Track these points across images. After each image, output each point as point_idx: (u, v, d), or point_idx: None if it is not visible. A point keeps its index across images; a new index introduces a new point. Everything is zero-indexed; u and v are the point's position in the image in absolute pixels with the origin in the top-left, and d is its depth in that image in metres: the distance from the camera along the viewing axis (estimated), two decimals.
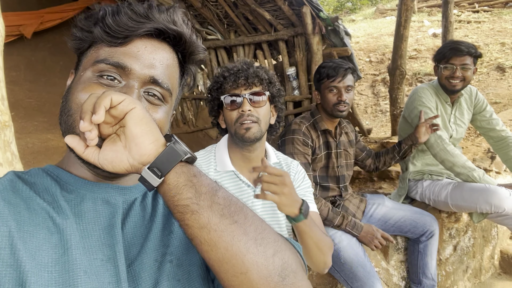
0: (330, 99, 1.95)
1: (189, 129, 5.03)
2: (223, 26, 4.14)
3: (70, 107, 0.62)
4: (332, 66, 1.94)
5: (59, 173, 0.67)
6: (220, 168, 1.38)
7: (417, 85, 6.79)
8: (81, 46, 0.68)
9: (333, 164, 2.08)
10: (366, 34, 9.73)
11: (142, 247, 0.65)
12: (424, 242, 2.17)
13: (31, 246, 0.54)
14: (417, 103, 2.30)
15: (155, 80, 0.65)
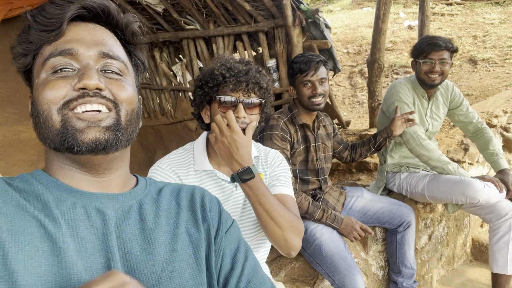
0: (305, 93, 1.97)
1: (167, 120, 4.95)
2: (202, 16, 4.06)
3: (42, 110, 0.62)
4: (303, 60, 1.95)
5: (49, 180, 0.66)
6: (198, 167, 1.35)
7: (393, 77, 6.94)
8: (26, 61, 0.68)
9: (312, 157, 2.11)
10: (343, 25, 9.80)
11: (141, 258, 0.65)
12: (401, 232, 2.24)
13: (23, 256, 0.54)
14: (395, 98, 2.36)
15: (105, 53, 0.66)
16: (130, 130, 0.68)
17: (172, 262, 0.67)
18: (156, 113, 5.09)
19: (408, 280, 2.27)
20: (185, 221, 0.75)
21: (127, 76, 0.70)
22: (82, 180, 0.67)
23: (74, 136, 0.61)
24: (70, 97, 0.62)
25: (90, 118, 0.62)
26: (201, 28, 4.20)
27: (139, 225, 0.68)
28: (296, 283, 2.02)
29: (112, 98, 0.65)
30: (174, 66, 4.64)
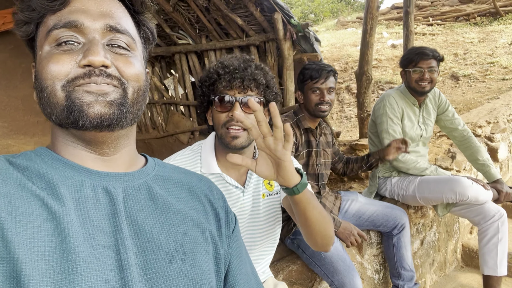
0: (313, 99, 2.03)
1: (159, 134, 4.95)
2: (195, 31, 4.15)
3: (46, 85, 0.60)
4: (315, 68, 2.02)
5: (54, 158, 0.63)
6: (205, 170, 1.30)
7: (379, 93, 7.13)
8: (28, 29, 0.65)
9: (313, 162, 2.15)
10: (329, 44, 10.08)
11: (152, 236, 0.63)
12: (396, 235, 2.28)
13: (25, 237, 0.52)
14: (382, 111, 2.47)
15: (113, 27, 0.63)
16: (136, 108, 0.65)
17: (184, 245, 0.66)
18: (148, 127, 5.09)
19: (409, 282, 2.29)
20: (194, 207, 0.73)
21: (135, 51, 0.66)
22: (88, 159, 0.64)
23: (81, 108, 0.58)
24: (75, 74, 0.59)
25: (97, 91, 0.59)
26: (193, 43, 4.28)
27: (149, 204, 0.66)
28: (294, 286, 2.02)
29: (119, 75, 0.62)
30: (166, 80, 4.69)
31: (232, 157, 0.92)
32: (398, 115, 2.45)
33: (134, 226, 0.62)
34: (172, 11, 3.94)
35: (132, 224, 0.62)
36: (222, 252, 0.74)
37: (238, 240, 0.81)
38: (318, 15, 15.92)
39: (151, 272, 0.60)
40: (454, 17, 10.12)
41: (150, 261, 0.61)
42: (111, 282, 0.55)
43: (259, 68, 1.28)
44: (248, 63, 1.27)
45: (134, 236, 0.61)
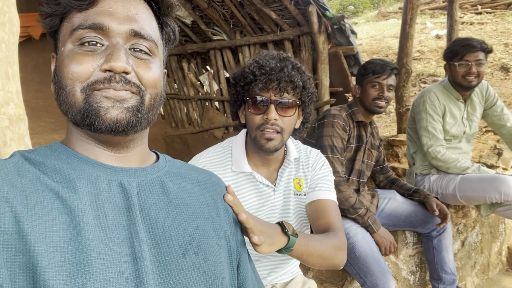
0: (372, 93, 2.00)
1: (194, 129, 5.04)
2: (229, 27, 4.17)
3: (65, 84, 0.61)
4: (380, 63, 2.01)
5: (69, 153, 0.65)
6: (236, 168, 1.28)
7: (420, 86, 6.83)
8: (52, 22, 0.65)
9: (360, 158, 2.11)
10: (369, 37, 9.77)
11: (165, 229, 0.65)
12: (436, 237, 2.17)
13: (40, 229, 0.53)
14: (422, 108, 2.36)
15: (137, 32, 0.63)
16: (152, 113, 0.67)
17: (196, 238, 0.67)
18: (183, 123, 5.20)
19: (451, 286, 2.19)
20: (205, 202, 0.74)
21: (156, 56, 0.67)
22: (102, 155, 0.66)
23: (98, 113, 0.59)
24: (95, 78, 0.60)
25: (115, 96, 0.60)
26: (227, 39, 4.30)
27: (162, 199, 0.68)
28: (324, 284, 1.99)
29: (138, 82, 0.63)
30: (201, 76, 4.76)
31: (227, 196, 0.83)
32: (439, 112, 2.32)
33: (147, 219, 0.64)
34: (207, 7, 3.98)
35: (146, 218, 0.63)
36: (233, 245, 0.75)
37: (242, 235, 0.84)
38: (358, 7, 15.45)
39: (165, 265, 0.62)
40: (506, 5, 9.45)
41: (163, 254, 0.62)
42: (125, 274, 0.56)
43: (296, 68, 1.23)
44: (284, 62, 1.22)
45: (148, 229, 0.63)
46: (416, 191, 2.21)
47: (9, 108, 1.68)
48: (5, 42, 1.67)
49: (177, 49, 4.72)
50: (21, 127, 1.74)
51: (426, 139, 2.33)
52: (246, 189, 1.30)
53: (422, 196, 2.15)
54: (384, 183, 2.36)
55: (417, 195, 2.18)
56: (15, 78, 1.71)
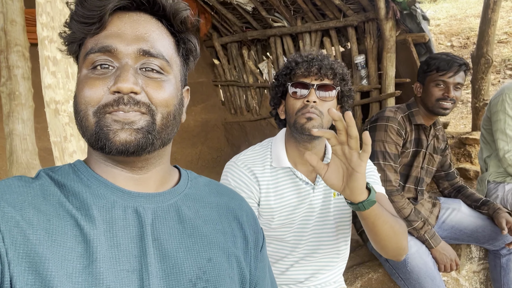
0: (435, 93, 1.81)
1: (252, 117, 5.04)
2: (290, 13, 4.03)
3: (80, 109, 0.63)
4: (445, 59, 1.79)
5: (90, 174, 0.66)
6: (275, 164, 1.30)
7: (505, 73, 6.09)
8: (72, 49, 0.67)
9: (418, 163, 1.93)
10: (448, 16, 8.91)
11: (177, 262, 0.64)
12: (506, 256, 1.94)
13: (58, 256, 0.54)
14: (500, 108, 2.07)
15: (146, 51, 0.63)
16: (166, 133, 0.66)
17: (207, 272, 0.66)
18: (242, 110, 5.22)
19: None
20: (221, 230, 0.73)
21: (169, 73, 0.66)
22: (120, 177, 0.67)
23: (107, 136, 0.61)
24: (106, 101, 0.61)
25: (124, 119, 0.61)
26: (288, 25, 4.17)
27: (177, 227, 0.67)
28: None
29: (148, 101, 0.63)
30: (261, 64, 4.70)
31: (309, 155, 0.95)
32: None
33: (160, 250, 0.64)
34: None
35: (158, 248, 0.64)
36: (247, 275, 0.74)
37: (264, 259, 0.82)
38: None
39: None
40: None
41: None
42: None
43: (336, 61, 1.29)
44: (325, 55, 1.28)
45: (160, 260, 0.63)
46: (485, 203, 1.96)
47: (69, 106, 1.79)
48: None
49: (238, 36, 4.70)
50: None
51: (502, 143, 2.07)
52: (285, 185, 1.29)
53: (491, 210, 1.91)
54: (449, 190, 2.14)
55: (486, 207, 1.95)
56: (75, 77, 1.81)
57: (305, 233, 1.32)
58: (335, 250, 1.35)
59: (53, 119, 1.71)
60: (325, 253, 1.35)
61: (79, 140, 1.83)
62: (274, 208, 1.27)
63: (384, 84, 3.39)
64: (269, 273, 0.84)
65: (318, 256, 1.35)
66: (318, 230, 1.33)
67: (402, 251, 1.15)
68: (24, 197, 0.58)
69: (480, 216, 1.98)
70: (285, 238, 1.32)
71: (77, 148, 1.80)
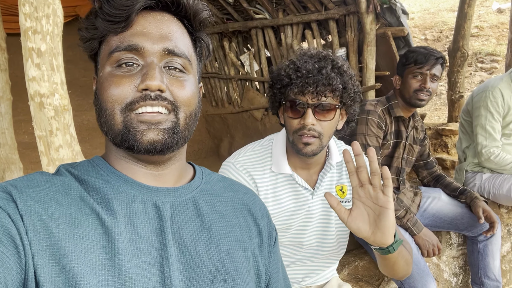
0: (413, 85, 1.87)
1: (234, 109, 5.03)
2: (272, 5, 4.02)
3: (106, 108, 0.63)
4: (423, 52, 1.85)
5: (109, 170, 0.67)
6: (275, 169, 1.25)
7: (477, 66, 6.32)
8: (92, 46, 0.68)
9: (399, 154, 2.00)
10: (422, 10, 9.11)
11: (196, 254, 0.65)
12: (483, 241, 2.04)
13: (81, 249, 0.55)
14: (483, 103, 2.16)
15: (170, 50, 0.65)
16: (188, 131, 0.68)
17: (226, 264, 0.67)
18: (223, 102, 5.20)
19: None
20: (237, 224, 0.75)
21: (189, 73, 0.68)
22: (140, 173, 0.68)
23: (135, 137, 0.62)
24: (133, 98, 0.62)
25: (151, 120, 0.62)
26: (270, 17, 4.17)
27: (195, 221, 0.69)
28: (359, 282, 1.95)
29: (172, 99, 0.64)
30: (242, 56, 4.69)
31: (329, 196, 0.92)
32: (500, 111, 2.13)
33: (179, 243, 0.65)
34: None
35: (178, 241, 0.65)
36: (262, 269, 0.76)
37: (277, 253, 0.84)
38: None
39: None
40: None
41: (193, 280, 0.63)
42: None
43: (336, 67, 1.16)
44: (324, 62, 1.15)
45: (179, 253, 0.64)
46: (463, 192, 2.06)
47: (54, 99, 1.74)
48: (49, 34, 1.70)
49: (219, 27, 4.66)
50: (66, 117, 1.80)
51: (481, 138, 2.16)
52: (284, 191, 1.27)
53: (469, 199, 2.01)
54: (428, 179, 2.23)
55: (464, 197, 2.04)
56: (60, 69, 1.76)
57: (305, 238, 1.30)
58: (334, 254, 1.36)
59: (38, 112, 1.66)
60: (324, 257, 1.35)
61: (65, 134, 1.79)
62: (271, 213, 1.23)
63: (365, 77, 3.46)
64: (281, 267, 0.85)
65: (317, 259, 1.35)
66: (319, 235, 1.31)
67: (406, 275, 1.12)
68: (46, 191, 0.59)
69: (458, 204, 2.07)
70: (282, 242, 1.30)
71: (63, 142, 1.76)
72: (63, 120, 1.75)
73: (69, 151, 1.78)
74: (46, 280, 0.52)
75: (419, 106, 1.89)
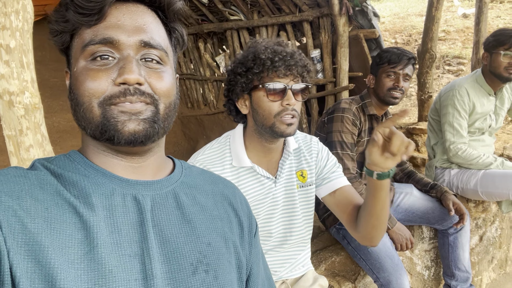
0: (387, 83, 1.93)
1: (210, 110, 5.02)
2: (247, 7, 4.05)
3: (82, 102, 0.62)
4: (396, 52, 1.92)
5: (87, 164, 0.66)
6: (236, 163, 1.27)
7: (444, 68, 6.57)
8: (63, 39, 0.66)
9: None
10: (392, 14, 9.39)
11: (177, 246, 0.65)
12: (453, 234, 2.12)
13: (58, 243, 0.54)
14: (450, 102, 2.26)
15: (146, 42, 0.64)
16: (168, 122, 0.68)
17: (207, 256, 0.67)
18: (199, 103, 5.17)
19: (463, 284, 2.16)
20: (218, 216, 0.75)
21: (166, 64, 0.68)
22: (119, 166, 0.67)
23: (116, 127, 0.61)
24: (111, 92, 0.61)
25: (131, 110, 0.61)
26: (245, 19, 4.19)
27: (176, 213, 0.68)
28: (336, 277, 1.98)
29: (151, 92, 0.64)
30: (218, 57, 4.68)
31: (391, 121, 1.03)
32: (466, 109, 2.23)
33: (160, 235, 0.64)
34: None
35: (159, 234, 0.64)
36: (243, 260, 0.76)
37: (257, 245, 0.84)
38: None
39: (175, 282, 0.62)
40: None
41: (174, 271, 0.63)
42: None
43: (301, 54, 1.25)
44: (289, 48, 1.24)
45: (160, 245, 0.64)
46: (434, 186, 2.14)
47: (25, 97, 1.68)
48: (19, 30, 1.65)
49: (194, 28, 4.64)
50: (37, 116, 1.74)
51: (449, 135, 2.25)
52: (247, 183, 1.29)
53: (439, 193, 2.09)
54: (400, 176, 2.30)
55: (434, 191, 2.12)
56: (30, 67, 1.71)
57: (272, 226, 1.33)
58: (302, 238, 1.40)
59: (7, 111, 1.60)
60: (293, 243, 1.39)
61: (36, 133, 1.73)
62: None
63: (339, 77, 3.53)
64: (262, 258, 0.86)
65: (287, 246, 1.38)
66: (286, 221, 1.36)
67: (382, 233, 1.22)
68: (21, 186, 0.57)
69: (429, 199, 2.15)
70: None
71: (33, 142, 1.70)
72: (33, 119, 1.69)
73: (40, 151, 1.73)
74: (23, 276, 0.50)
75: (392, 103, 1.95)
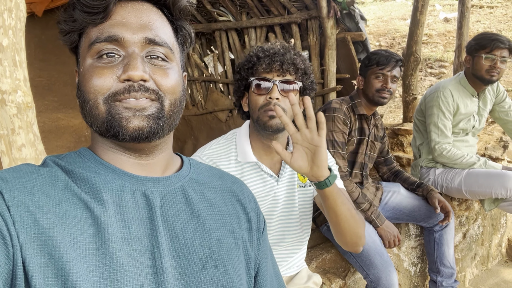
0: (375, 84, 1.99)
1: (198, 111, 5.01)
2: (235, 8, 4.08)
3: (88, 98, 0.63)
4: (384, 55, 1.98)
5: (97, 161, 0.67)
6: (241, 158, 1.31)
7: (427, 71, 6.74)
8: (72, 39, 0.67)
9: (362, 150, 2.11)
10: (376, 18, 9.56)
11: (187, 242, 0.66)
12: (438, 231, 2.20)
13: (70, 238, 0.55)
14: (435, 103, 2.34)
15: (151, 40, 0.65)
16: (173, 118, 0.68)
17: (216, 251, 0.68)
18: (187, 104, 5.16)
19: (448, 279, 2.23)
20: (227, 212, 0.76)
21: (172, 61, 0.68)
22: (127, 163, 0.67)
23: (120, 124, 0.62)
24: (116, 89, 0.62)
25: (135, 106, 0.62)
26: (233, 20, 4.21)
27: (185, 209, 0.69)
28: (327, 274, 2.02)
29: (156, 88, 0.64)
30: (206, 58, 4.69)
31: (276, 144, 1.01)
32: (451, 110, 2.31)
33: (169, 231, 0.65)
34: None
35: (168, 229, 0.65)
36: (252, 256, 0.77)
37: (266, 241, 0.85)
38: None
39: (185, 278, 0.63)
40: None
41: (184, 267, 0.63)
42: (146, 286, 0.58)
43: (298, 54, 1.29)
44: (287, 48, 1.28)
45: (170, 241, 0.64)
46: (420, 185, 2.21)
47: (17, 96, 1.67)
48: (12, 29, 1.64)
49: None
50: (29, 115, 1.73)
51: (434, 135, 2.33)
52: (251, 179, 1.32)
53: (425, 191, 2.16)
54: (388, 175, 2.36)
55: (421, 189, 2.19)
56: (23, 65, 1.69)
57: (271, 224, 1.36)
58: (298, 238, 1.43)
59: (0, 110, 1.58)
60: (290, 242, 1.41)
61: (28, 133, 1.72)
62: None
63: (326, 79, 3.59)
64: (270, 255, 0.86)
65: (284, 245, 1.41)
66: (284, 220, 1.38)
67: (359, 240, 1.18)
68: (33, 182, 0.58)
69: (416, 197, 2.22)
70: None
71: (26, 141, 1.69)
72: (26, 118, 1.68)
73: (32, 150, 1.72)
74: (35, 270, 0.51)
75: (381, 104, 2.01)
